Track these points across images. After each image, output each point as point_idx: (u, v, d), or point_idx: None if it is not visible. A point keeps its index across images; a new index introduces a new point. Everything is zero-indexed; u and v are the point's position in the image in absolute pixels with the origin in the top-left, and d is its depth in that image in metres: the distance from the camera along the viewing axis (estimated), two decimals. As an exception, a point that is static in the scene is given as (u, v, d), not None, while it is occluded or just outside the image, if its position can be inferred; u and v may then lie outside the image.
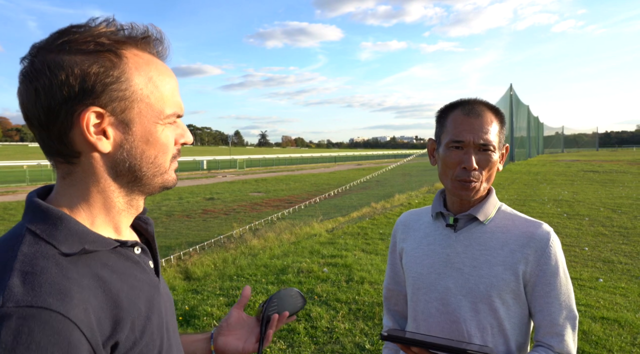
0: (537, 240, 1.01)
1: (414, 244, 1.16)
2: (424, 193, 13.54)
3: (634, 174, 19.03)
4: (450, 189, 1.05)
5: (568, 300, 1.01)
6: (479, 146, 1.00)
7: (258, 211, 11.45)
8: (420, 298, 1.10)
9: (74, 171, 0.61)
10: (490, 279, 1.01)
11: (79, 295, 0.53)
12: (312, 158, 56.12)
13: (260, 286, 4.72)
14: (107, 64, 0.58)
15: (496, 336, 1.01)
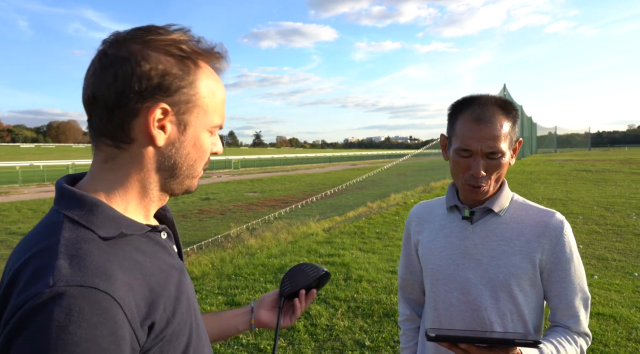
0: (551, 229, 1.05)
1: (430, 236, 1.18)
2: (419, 193, 13.61)
3: (626, 173, 19.24)
4: (462, 192, 1.10)
5: (582, 283, 1.06)
6: (487, 154, 1.01)
7: (254, 210, 11.44)
8: (440, 289, 1.13)
9: (119, 155, 0.63)
10: (508, 268, 1.04)
11: (122, 277, 0.55)
12: (307, 158, 56.14)
13: (259, 285, 4.72)
14: (185, 69, 0.64)
15: (515, 322, 1.05)
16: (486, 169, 1.02)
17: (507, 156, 1.04)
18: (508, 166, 1.07)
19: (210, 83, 0.67)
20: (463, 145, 1.02)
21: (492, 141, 1.00)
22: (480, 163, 1.02)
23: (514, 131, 1.06)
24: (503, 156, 1.02)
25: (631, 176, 18.12)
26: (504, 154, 1.03)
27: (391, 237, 7.22)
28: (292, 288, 0.99)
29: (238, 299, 4.28)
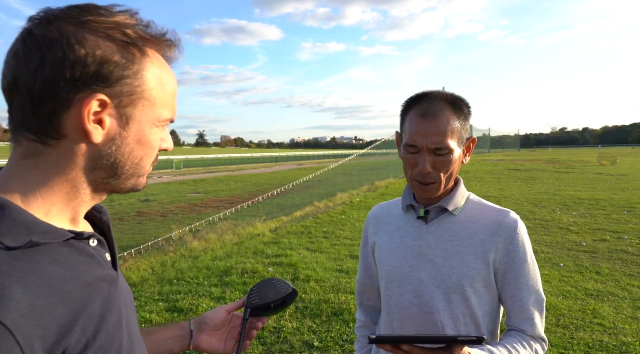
0: (505, 228, 1.03)
1: (386, 238, 1.14)
2: (364, 192, 13.86)
3: (550, 172, 20.91)
4: (413, 190, 1.06)
5: (536, 285, 1.03)
6: (434, 150, 0.98)
7: (198, 212, 11.04)
8: (394, 291, 1.09)
9: (45, 152, 0.54)
10: (462, 269, 1.01)
11: (21, 297, 0.46)
12: (253, 158, 55.38)
13: (203, 289, 4.54)
14: (130, 57, 0.56)
15: (468, 325, 1.02)
16: (434, 166, 0.99)
17: (455, 153, 1.00)
18: (460, 163, 1.04)
19: (158, 73, 0.59)
20: (410, 141, 1.00)
21: (438, 136, 0.97)
22: (427, 159, 0.99)
23: (465, 128, 1.03)
24: (451, 152, 0.99)
25: (555, 174, 19.73)
26: (452, 151, 0.99)
27: (338, 236, 7.26)
28: (260, 300, 0.91)
29: (181, 304, 4.08)
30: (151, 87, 0.58)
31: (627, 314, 3.82)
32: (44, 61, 0.51)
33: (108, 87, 0.54)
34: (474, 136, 1.08)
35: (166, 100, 0.61)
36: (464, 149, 1.05)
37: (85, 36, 0.52)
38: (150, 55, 0.58)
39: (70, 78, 0.51)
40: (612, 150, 74.45)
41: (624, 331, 3.46)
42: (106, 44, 0.53)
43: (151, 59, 0.58)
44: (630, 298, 4.21)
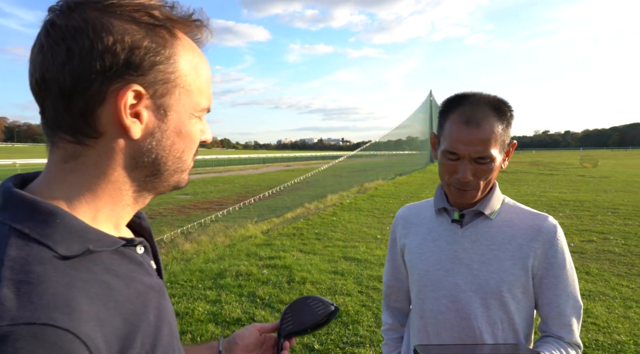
0: (544, 233, 1.00)
1: (417, 240, 1.12)
2: (354, 193, 13.89)
3: (535, 174, 21.27)
4: (450, 195, 1.04)
5: (574, 291, 1.02)
6: (475, 159, 0.95)
7: (187, 213, 10.90)
8: (428, 295, 1.06)
9: (84, 154, 0.51)
10: (500, 274, 0.99)
11: (87, 308, 0.43)
12: (240, 159, 55.00)
13: (197, 292, 4.47)
14: (159, 40, 0.51)
15: (506, 331, 1.00)
16: (474, 174, 0.96)
17: (497, 161, 0.97)
18: (500, 169, 1.02)
19: (191, 58, 0.55)
20: (450, 148, 0.96)
21: (482, 145, 0.94)
22: (468, 167, 0.95)
23: (507, 134, 0.99)
24: (493, 161, 0.96)
25: (540, 176, 20.07)
26: (494, 159, 0.96)
27: (330, 237, 7.25)
28: (295, 327, 0.80)
29: (175, 308, 4.01)
30: (185, 73, 0.54)
31: (618, 313, 3.89)
32: (71, 52, 0.47)
33: (141, 76, 0.50)
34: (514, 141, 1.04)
35: (202, 87, 0.56)
36: (504, 154, 1.02)
37: (111, 21, 0.48)
38: (181, 38, 0.54)
39: (100, 69, 0.47)
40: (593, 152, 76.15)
41: (617, 330, 3.53)
42: (133, 28, 0.49)
43: (182, 42, 0.54)
44: (621, 297, 4.29)
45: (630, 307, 4.03)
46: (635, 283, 4.70)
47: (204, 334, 3.46)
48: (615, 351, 3.18)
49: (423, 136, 34.39)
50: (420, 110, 33.28)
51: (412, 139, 33.54)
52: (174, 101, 0.53)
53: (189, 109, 0.55)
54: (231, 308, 4.00)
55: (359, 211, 10.19)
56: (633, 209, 9.69)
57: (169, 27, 0.52)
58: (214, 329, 3.57)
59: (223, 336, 0.87)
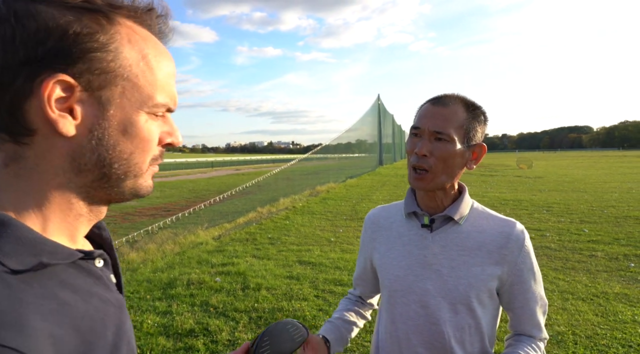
0: (514, 240, 1.02)
1: (387, 244, 1.11)
2: (306, 196, 13.89)
3: (477, 175, 22.41)
4: (409, 180, 1.04)
5: (541, 291, 1.07)
6: (434, 133, 0.97)
7: (131, 221, 10.37)
8: (398, 301, 1.07)
9: (23, 155, 0.47)
10: (468, 279, 1.01)
11: (40, 325, 0.40)
12: (187, 163, 53.30)
13: (146, 304, 4.24)
14: (93, 25, 0.46)
15: (473, 335, 1.02)
16: (432, 152, 0.98)
17: (456, 145, 0.98)
18: (463, 166, 1.02)
19: (140, 47, 0.49)
20: (414, 123, 1.01)
21: (442, 121, 0.97)
22: (426, 143, 0.98)
23: (475, 130, 1.01)
24: (451, 142, 0.97)
25: (481, 177, 21.18)
26: (453, 141, 0.97)
27: (284, 242, 7.18)
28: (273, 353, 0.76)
29: (122, 322, 3.77)
30: (130, 63, 0.48)
31: (557, 305, 4.16)
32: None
33: (71, 65, 0.45)
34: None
35: (155, 81, 0.50)
36: (469, 152, 1.02)
37: (36, 7, 0.44)
38: (122, 24, 0.49)
39: (24, 59, 0.43)
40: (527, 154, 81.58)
41: (557, 322, 3.76)
42: (62, 13, 0.45)
43: (125, 30, 0.49)
44: (558, 290, 4.59)
45: (567, 299, 4.32)
46: (570, 276, 5.06)
47: (154, 349, 3.28)
48: (557, 342, 3.39)
49: (372, 139, 35.16)
50: (369, 113, 34.00)
51: (361, 142, 34.18)
52: (115, 95, 0.47)
53: (136, 104, 0.49)
54: (183, 318, 3.83)
55: (312, 214, 10.20)
56: (564, 206, 10.48)
57: (107, 12, 0.47)
58: (165, 342, 3.39)
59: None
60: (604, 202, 11.01)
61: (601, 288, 4.60)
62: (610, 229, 7.68)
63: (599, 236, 7.10)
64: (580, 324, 3.71)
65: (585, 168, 27.96)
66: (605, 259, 5.73)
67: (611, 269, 5.29)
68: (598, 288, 4.62)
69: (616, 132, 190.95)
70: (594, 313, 3.95)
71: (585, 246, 6.51)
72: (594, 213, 9.41)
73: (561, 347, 3.30)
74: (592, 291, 4.52)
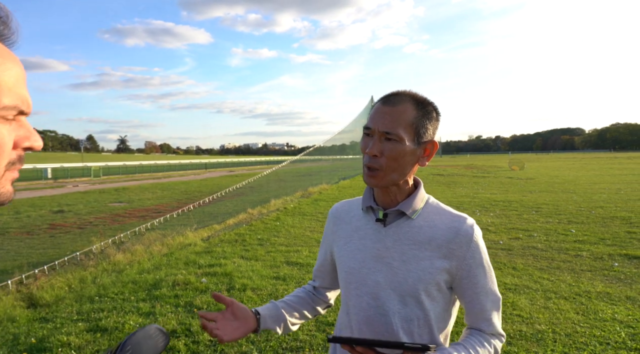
0: (462, 235, 1.03)
1: (346, 237, 1.13)
2: (298, 198, 13.89)
3: (469, 177, 22.56)
4: (363, 177, 1.05)
5: (493, 286, 1.06)
6: (383, 134, 0.99)
7: (120, 222, 10.31)
8: (352, 293, 1.08)
9: None
10: (417, 273, 1.02)
11: None
12: (181, 165, 53.13)
13: (130, 305, 4.22)
14: None
15: (422, 327, 1.04)
16: (381, 151, 0.99)
17: (405, 144, 0.99)
18: (415, 163, 1.04)
19: None
20: (366, 123, 1.02)
21: (391, 122, 0.98)
22: (377, 143, 0.99)
23: (425, 127, 1.02)
24: (400, 141, 0.98)
25: (473, 178, 21.32)
26: (402, 140, 0.98)
27: (273, 243, 7.18)
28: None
29: (104, 323, 3.75)
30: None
31: (540, 304, 4.19)
32: None
33: None
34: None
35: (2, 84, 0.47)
36: (421, 149, 1.03)
37: None
38: None
39: None
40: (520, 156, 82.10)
41: (539, 320, 3.79)
42: None
43: None
44: (542, 289, 4.63)
45: (549, 298, 4.35)
46: (554, 276, 5.10)
47: (134, 350, 3.26)
48: (537, 340, 3.42)
49: (365, 140, 35.08)
50: (363, 115, 34.08)
51: (355, 143, 34.23)
52: None
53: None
54: (166, 319, 3.81)
55: (303, 216, 10.20)
56: (553, 207, 10.57)
57: None
58: (145, 343, 3.37)
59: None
60: (592, 203, 11.12)
61: (584, 287, 4.65)
62: (597, 229, 7.76)
63: (586, 236, 7.16)
64: (561, 322, 3.74)
65: (576, 170, 28.22)
66: (590, 259, 5.79)
67: (595, 269, 5.34)
68: (581, 287, 4.67)
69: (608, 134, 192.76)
70: (575, 311, 3.99)
71: (572, 246, 6.57)
72: (582, 214, 9.50)
73: (540, 345, 3.33)
74: (575, 290, 4.56)
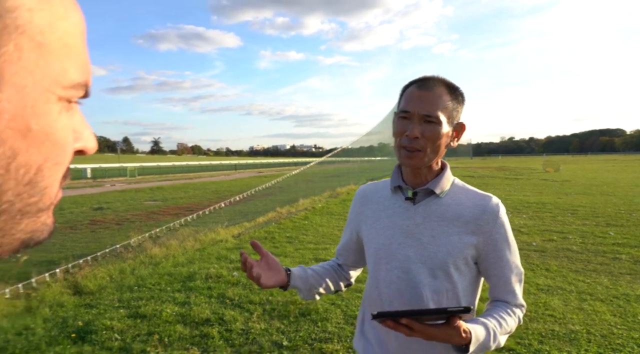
0: (489, 212, 1.09)
1: (374, 216, 1.20)
2: (326, 198, 13.98)
3: (501, 179, 22.01)
4: (399, 159, 1.11)
5: (517, 261, 1.13)
6: (423, 116, 1.04)
7: (155, 219, 10.68)
8: (382, 267, 1.15)
9: None
10: (447, 247, 1.08)
11: None
12: (211, 166, 54.30)
13: (166, 295, 4.41)
14: None
15: (450, 298, 1.09)
16: (422, 133, 1.05)
17: (443, 127, 1.06)
18: (448, 144, 1.10)
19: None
20: (403, 107, 1.07)
21: (430, 105, 1.04)
22: (416, 125, 1.04)
23: (456, 110, 1.09)
24: (439, 124, 1.05)
25: (505, 180, 20.79)
26: (441, 123, 1.05)
27: (302, 240, 7.28)
28: None
29: (143, 310, 3.94)
30: (29, 6, 0.25)
31: (574, 305, 4.09)
32: None
33: None
34: None
35: (67, 41, 0.28)
36: (452, 131, 1.10)
37: None
38: None
39: None
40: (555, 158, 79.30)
41: (572, 321, 3.72)
42: None
43: None
44: (577, 291, 4.52)
45: (585, 300, 4.24)
46: (590, 278, 4.96)
47: (172, 335, 3.42)
48: (570, 340, 3.36)
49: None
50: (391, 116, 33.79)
51: (383, 145, 34.01)
52: (7, 63, 0.25)
53: (44, 82, 0.26)
54: (200, 309, 3.97)
55: (331, 215, 10.27)
56: (590, 210, 10.20)
57: None
58: (182, 329, 3.53)
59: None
60: (632, 206, 10.66)
61: (622, 290, 4.50)
62: (638, 232, 7.45)
63: (625, 239, 6.90)
64: (596, 323, 3.65)
65: (615, 172, 27.02)
66: (629, 262, 5.58)
67: (635, 272, 5.15)
68: (619, 289, 4.52)
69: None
70: (612, 313, 3.88)
71: (610, 248, 6.34)
72: (622, 216, 9.13)
73: (574, 345, 3.27)
74: (613, 293, 4.43)
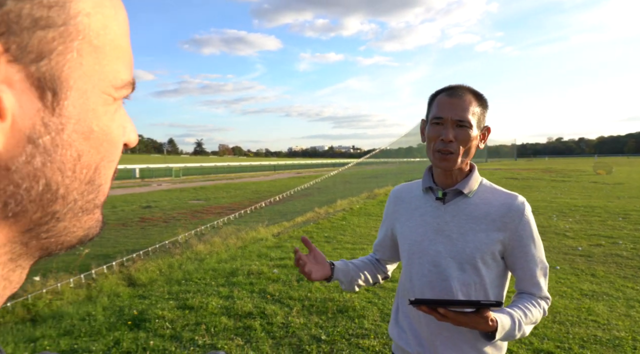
0: (514, 210, 1.18)
1: (407, 215, 1.31)
2: (364, 199, 14.02)
3: (547, 181, 21.14)
4: (433, 162, 1.21)
5: (541, 255, 1.21)
6: (456, 122, 1.14)
7: (199, 218, 11.16)
8: (415, 261, 1.26)
9: None
10: (475, 243, 1.17)
11: None
12: (252, 166, 55.47)
13: (211, 289, 4.67)
14: None
15: (478, 291, 1.19)
16: (455, 137, 1.15)
17: (474, 131, 1.16)
18: (477, 147, 1.20)
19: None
20: (436, 114, 1.17)
21: (461, 111, 1.14)
22: (450, 130, 1.14)
23: (483, 115, 1.20)
24: (471, 127, 1.15)
25: (551, 183, 19.95)
26: (471, 127, 1.15)
27: (339, 240, 7.41)
28: None
29: (190, 302, 4.21)
30: (87, 11, 0.25)
31: (620, 312, 3.97)
32: None
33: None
34: None
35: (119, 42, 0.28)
36: (480, 133, 1.20)
37: None
38: None
39: None
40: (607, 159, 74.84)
41: (617, 327, 3.61)
42: None
43: None
44: (624, 297, 4.36)
45: (632, 307, 4.10)
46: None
47: (217, 326, 3.65)
48: (613, 346, 3.28)
49: (434, 143, 34.21)
50: (431, 117, 33.27)
51: (423, 146, 33.40)
52: (75, 71, 0.25)
53: (101, 84, 0.27)
54: (243, 303, 4.19)
55: (369, 216, 10.33)
56: (644, 214, 9.65)
57: None
58: (226, 321, 3.76)
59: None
60: (692, 211, 9.99)
61: (675, 298, 4.30)
62: (696, 238, 7.01)
63: (681, 246, 6.52)
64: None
65: (676, 175, 25.21)
66: (684, 270, 5.29)
67: (690, 280, 4.89)
68: (671, 297, 4.32)
69: None
70: (662, 321, 3.73)
71: (663, 255, 6.03)
72: (679, 222, 8.59)
73: (617, 351, 3.19)
74: (664, 301, 4.24)
